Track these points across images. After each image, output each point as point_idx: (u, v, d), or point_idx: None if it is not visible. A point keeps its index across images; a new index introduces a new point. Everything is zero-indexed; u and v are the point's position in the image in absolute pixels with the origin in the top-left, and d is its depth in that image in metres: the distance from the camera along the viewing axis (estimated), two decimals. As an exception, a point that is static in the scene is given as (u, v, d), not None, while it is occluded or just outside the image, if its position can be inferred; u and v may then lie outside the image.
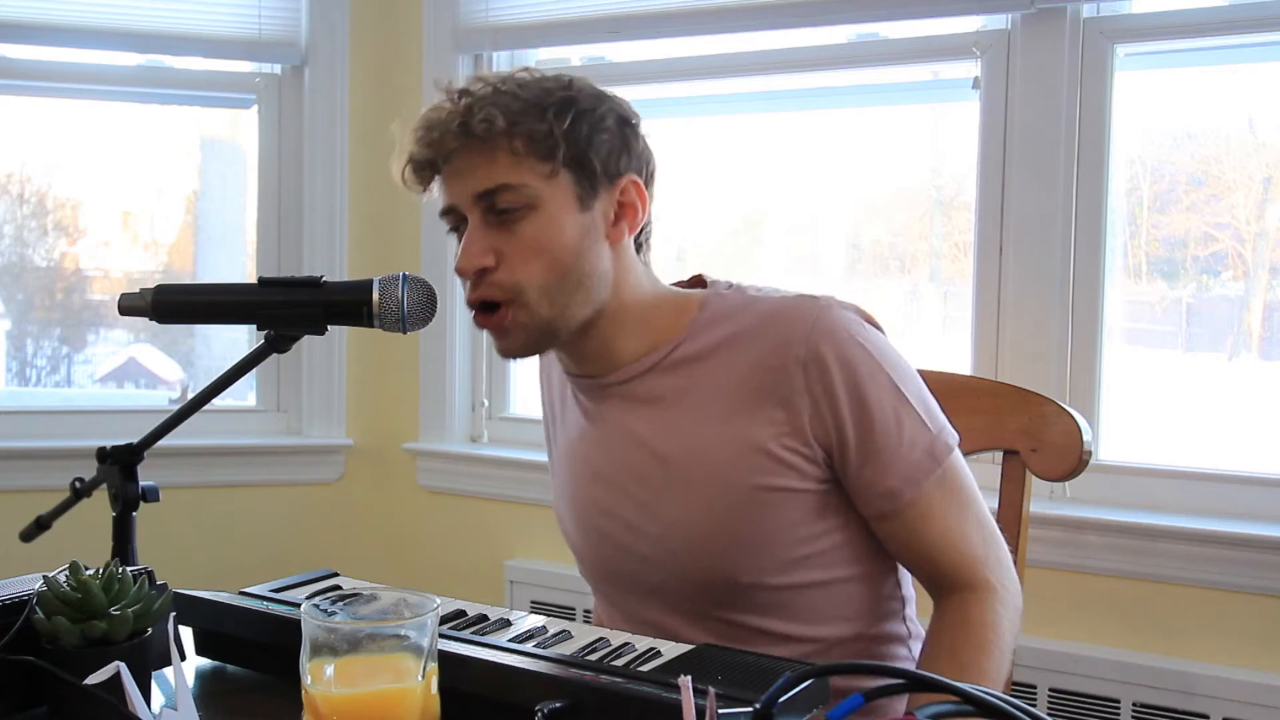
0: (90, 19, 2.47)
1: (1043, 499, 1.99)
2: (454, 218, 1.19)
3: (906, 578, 1.29)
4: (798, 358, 1.13)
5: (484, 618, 1.09)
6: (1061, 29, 1.97)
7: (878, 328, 1.21)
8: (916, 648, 1.28)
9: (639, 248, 1.24)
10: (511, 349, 1.20)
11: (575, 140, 1.14)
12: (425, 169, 1.18)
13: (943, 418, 1.19)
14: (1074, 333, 2.00)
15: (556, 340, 1.19)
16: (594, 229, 1.17)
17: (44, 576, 0.98)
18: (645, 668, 0.95)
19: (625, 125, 1.20)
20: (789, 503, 1.16)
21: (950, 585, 1.18)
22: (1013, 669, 1.40)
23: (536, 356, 1.25)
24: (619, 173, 1.18)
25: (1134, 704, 1.85)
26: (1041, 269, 2.00)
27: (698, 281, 1.28)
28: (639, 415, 1.21)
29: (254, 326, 1.19)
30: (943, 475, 1.17)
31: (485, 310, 1.17)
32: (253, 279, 1.25)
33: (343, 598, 0.84)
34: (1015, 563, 1.39)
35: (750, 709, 0.73)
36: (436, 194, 1.21)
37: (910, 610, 1.30)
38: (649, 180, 1.22)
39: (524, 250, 1.14)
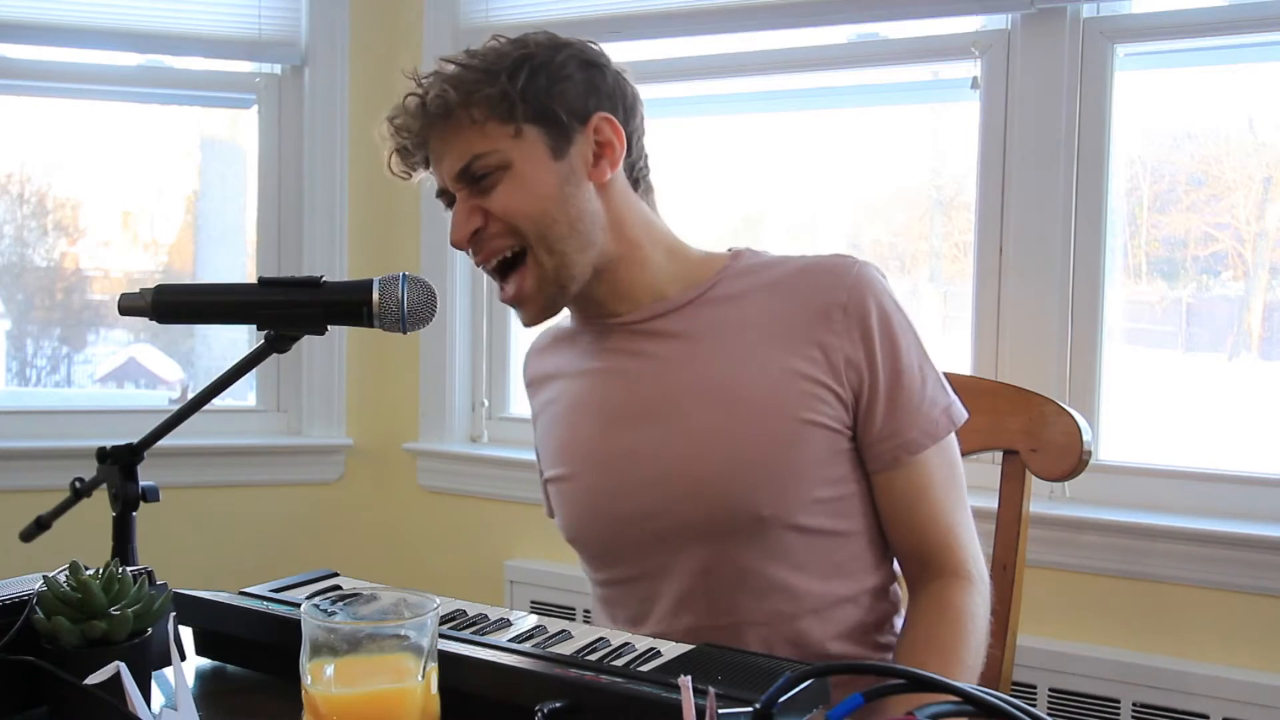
0: (90, 19, 2.47)
1: (1043, 499, 1.99)
2: (447, 198, 1.25)
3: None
4: (839, 302, 1.18)
5: (484, 618, 1.09)
6: (1061, 29, 1.97)
7: None
8: (898, 622, 1.29)
9: (636, 184, 1.27)
10: (531, 314, 1.25)
11: (534, 95, 1.18)
12: (405, 155, 1.24)
13: (953, 392, 1.24)
14: (1074, 333, 2.00)
15: (569, 292, 1.23)
16: (574, 174, 1.20)
17: (44, 576, 0.98)
18: (645, 668, 0.95)
19: (590, 67, 1.22)
20: (821, 440, 1.18)
21: (935, 568, 1.20)
22: (1007, 674, 1.40)
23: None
24: (589, 113, 1.21)
25: (1134, 704, 1.85)
26: (1041, 269, 2.00)
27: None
28: (670, 345, 1.23)
29: (254, 326, 1.19)
30: (949, 447, 1.22)
31: (500, 283, 1.22)
32: (253, 279, 1.25)
33: (343, 598, 0.84)
34: (1015, 562, 1.40)
35: (750, 709, 0.73)
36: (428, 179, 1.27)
37: (895, 586, 1.31)
38: (628, 114, 1.25)
39: (506, 203, 1.18)
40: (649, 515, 1.22)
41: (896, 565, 1.28)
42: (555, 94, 1.18)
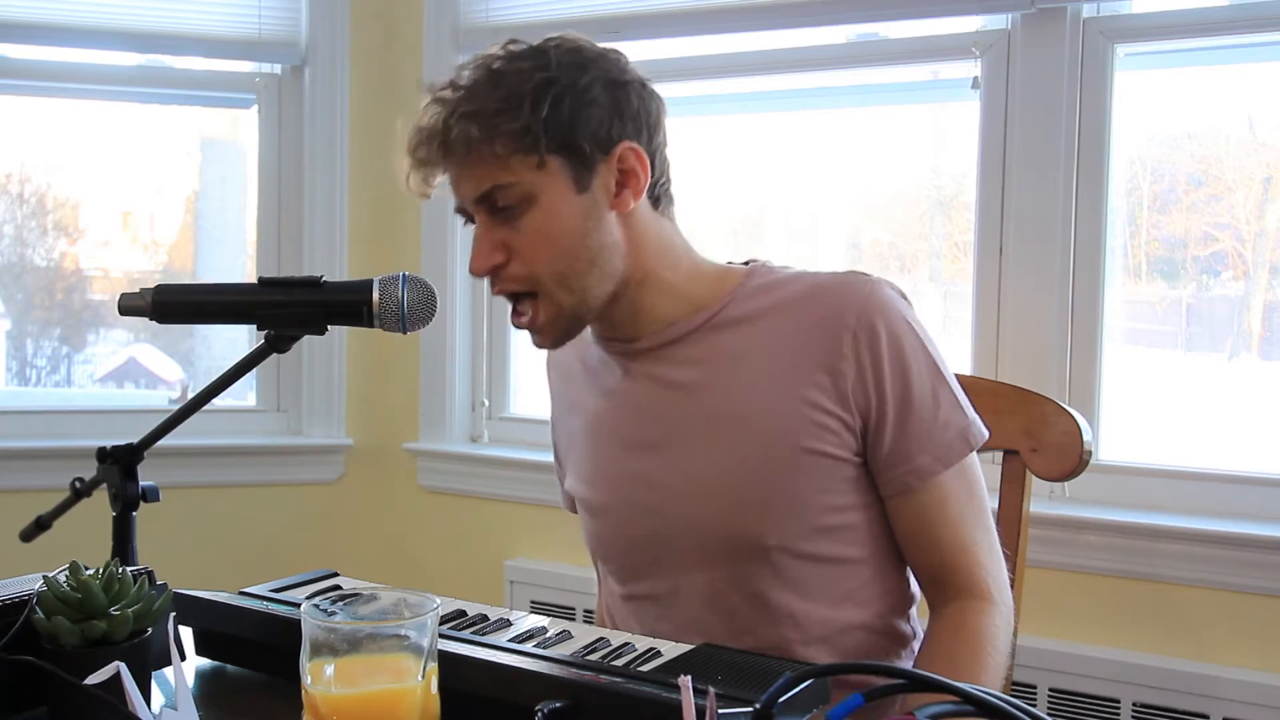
0: (90, 19, 2.47)
1: (1043, 499, 1.99)
2: (466, 215, 1.22)
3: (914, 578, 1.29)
4: (848, 326, 1.16)
5: (484, 618, 1.09)
6: (1061, 29, 1.97)
7: None
8: (917, 646, 1.28)
9: (657, 202, 1.24)
10: (546, 343, 1.23)
11: (558, 126, 1.14)
12: (423, 178, 1.21)
13: (974, 411, 1.21)
14: (1074, 333, 2.00)
15: (585, 323, 1.23)
16: (596, 206, 1.18)
17: (44, 576, 0.98)
18: (645, 668, 0.95)
19: (614, 88, 1.19)
20: (826, 468, 1.17)
21: (953, 589, 1.19)
22: (1008, 681, 1.40)
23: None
24: (613, 142, 1.17)
25: (1134, 704, 1.85)
26: (1041, 269, 2.00)
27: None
28: (681, 373, 1.22)
29: (254, 326, 1.19)
30: (968, 467, 1.20)
31: (514, 306, 1.21)
32: (253, 279, 1.25)
33: (343, 598, 0.83)
34: (1015, 563, 1.39)
35: (750, 709, 0.73)
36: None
37: (914, 611, 1.30)
38: (651, 134, 1.21)
39: (530, 242, 1.16)
40: (659, 541, 1.23)
41: (918, 589, 1.28)
42: (579, 122, 1.15)
